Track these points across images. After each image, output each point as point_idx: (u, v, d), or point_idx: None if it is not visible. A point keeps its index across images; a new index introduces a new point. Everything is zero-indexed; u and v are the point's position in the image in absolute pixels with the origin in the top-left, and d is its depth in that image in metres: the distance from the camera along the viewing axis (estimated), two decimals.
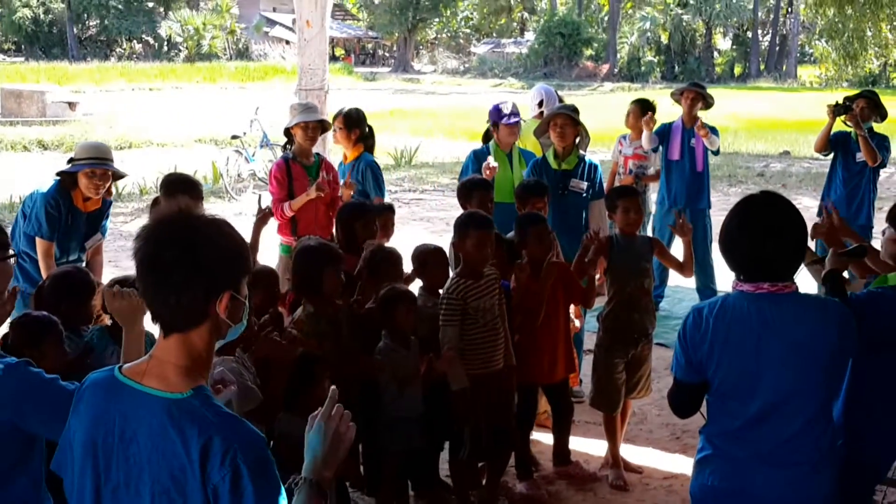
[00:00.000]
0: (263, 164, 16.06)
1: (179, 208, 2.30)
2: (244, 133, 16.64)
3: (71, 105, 26.07)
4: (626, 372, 5.70)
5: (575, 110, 6.93)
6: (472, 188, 5.98)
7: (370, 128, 7.18)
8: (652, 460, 6.02)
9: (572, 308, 5.98)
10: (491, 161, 6.66)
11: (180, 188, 5.38)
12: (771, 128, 27.05)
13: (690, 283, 8.98)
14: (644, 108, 9.27)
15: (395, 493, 5.01)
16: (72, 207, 5.84)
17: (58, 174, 5.86)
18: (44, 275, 5.44)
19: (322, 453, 2.34)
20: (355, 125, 6.98)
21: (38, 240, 5.77)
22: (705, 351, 3.29)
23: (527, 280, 5.28)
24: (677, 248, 6.11)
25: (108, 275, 5.87)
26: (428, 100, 36.82)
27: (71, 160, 5.84)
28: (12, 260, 2.91)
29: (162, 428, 2.18)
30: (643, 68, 52.82)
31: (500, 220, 5.81)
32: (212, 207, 15.05)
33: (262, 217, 5.79)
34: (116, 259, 10.03)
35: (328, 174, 6.64)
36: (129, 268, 6.74)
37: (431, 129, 26.08)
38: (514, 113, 6.94)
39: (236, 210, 13.84)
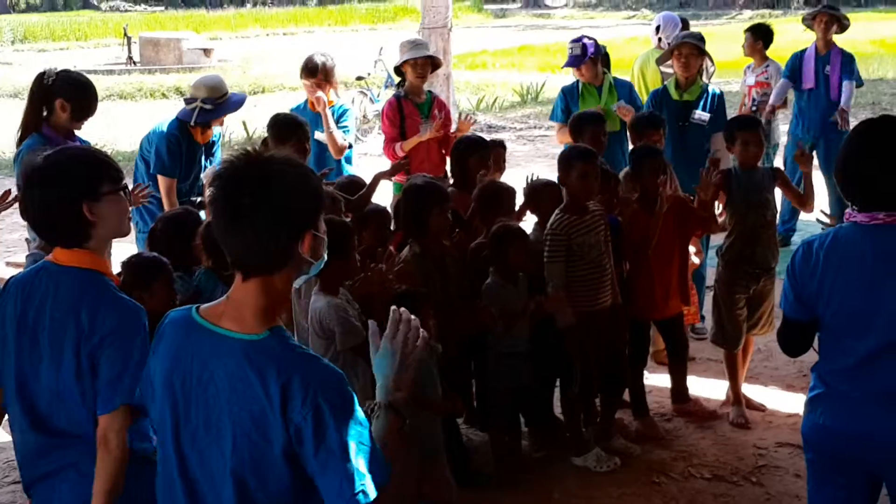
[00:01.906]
0: None
1: (249, 151, 2.27)
2: (368, 74, 16.70)
3: (206, 52, 26.68)
4: (747, 308, 5.53)
5: (701, 39, 6.71)
6: (584, 123, 5.84)
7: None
8: (776, 398, 5.85)
9: (692, 246, 5.84)
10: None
11: (285, 131, 5.43)
12: None
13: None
14: (756, 33, 8.89)
15: (507, 429, 5.01)
16: (192, 142, 5.99)
17: (197, 123, 5.95)
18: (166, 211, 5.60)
19: (391, 374, 2.32)
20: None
21: (160, 177, 5.92)
22: (815, 286, 3.14)
23: (637, 214, 5.16)
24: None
25: None
26: (558, 34, 36.09)
27: (207, 101, 5.91)
28: (125, 192, 2.98)
29: (240, 370, 2.19)
30: None
31: None
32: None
33: (396, 167, 5.92)
34: None
35: (440, 112, 6.59)
36: None
37: (559, 64, 25.61)
38: (571, 54, 6.77)
39: (362, 150, 13.93)
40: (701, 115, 6.52)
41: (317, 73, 6.57)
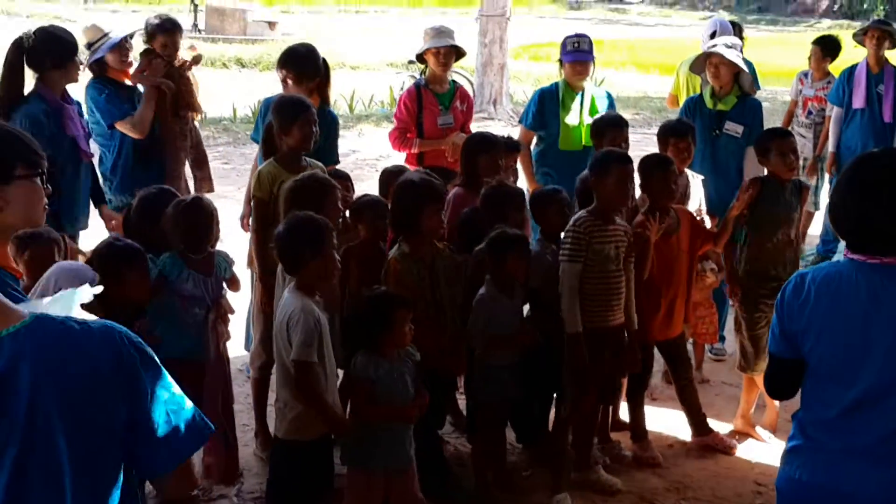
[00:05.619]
0: None
1: None
2: None
3: (270, 24, 26.67)
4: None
5: (734, 46, 6.33)
6: (604, 126, 5.55)
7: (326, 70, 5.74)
8: (784, 429, 5.50)
9: (713, 263, 5.57)
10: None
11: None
12: None
13: None
14: (825, 47, 8.42)
15: (492, 444, 4.76)
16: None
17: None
18: None
19: None
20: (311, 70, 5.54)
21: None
22: (803, 323, 2.86)
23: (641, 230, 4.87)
24: None
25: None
26: (630, 31, 35.65)
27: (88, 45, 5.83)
28: (42, 179, 2.71)
29: None
30: (865, 5, 49.11)
31: (567, 171, 5.55)
32: (385, 131, 15.00)
33: None
34: None
35: (462, 104, 6.32)
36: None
37: (624, 60, 25.18)
38: (578, 50, 6.33)
39: None
40: (735, 126, 6.18)
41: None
